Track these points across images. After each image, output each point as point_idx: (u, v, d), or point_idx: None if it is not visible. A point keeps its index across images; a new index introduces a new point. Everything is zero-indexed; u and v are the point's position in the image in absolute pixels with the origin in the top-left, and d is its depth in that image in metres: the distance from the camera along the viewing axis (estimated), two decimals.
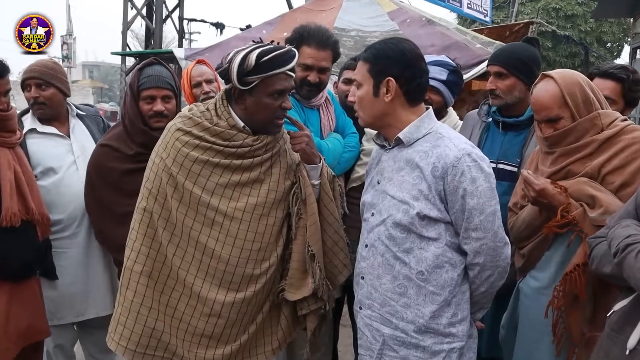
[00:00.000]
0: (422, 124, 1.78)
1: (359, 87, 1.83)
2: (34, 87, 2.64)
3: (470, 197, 1.68)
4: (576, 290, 1.89)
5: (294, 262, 2.01)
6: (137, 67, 2.37)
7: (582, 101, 1.98)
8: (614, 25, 18.93)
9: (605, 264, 1.68)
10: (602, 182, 1.95)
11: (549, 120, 2.02)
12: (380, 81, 1.76)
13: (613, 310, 1.64)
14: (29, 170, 2.34)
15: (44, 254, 2.42)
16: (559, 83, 1.98)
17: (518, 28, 6.15)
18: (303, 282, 2.02)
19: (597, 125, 1.98)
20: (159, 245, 1.90)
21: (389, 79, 1.74)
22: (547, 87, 2.01)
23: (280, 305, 2.08)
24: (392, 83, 1.74)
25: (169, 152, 1.89)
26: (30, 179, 2.31)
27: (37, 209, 2.29)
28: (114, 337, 1.94)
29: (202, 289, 1.88)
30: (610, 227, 1.69)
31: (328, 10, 5.70)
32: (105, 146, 2.42)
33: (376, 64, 1.77)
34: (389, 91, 1.75)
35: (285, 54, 1.86)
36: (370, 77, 1.78)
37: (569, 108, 1.97)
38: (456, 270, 1.76)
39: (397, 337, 1.78)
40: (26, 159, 2.37)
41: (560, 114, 1.98)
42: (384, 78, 1.75)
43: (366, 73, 1.79)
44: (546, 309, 1.99)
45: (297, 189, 2.00)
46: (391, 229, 1.76)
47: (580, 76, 2.03)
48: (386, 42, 1.83)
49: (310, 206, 2.00)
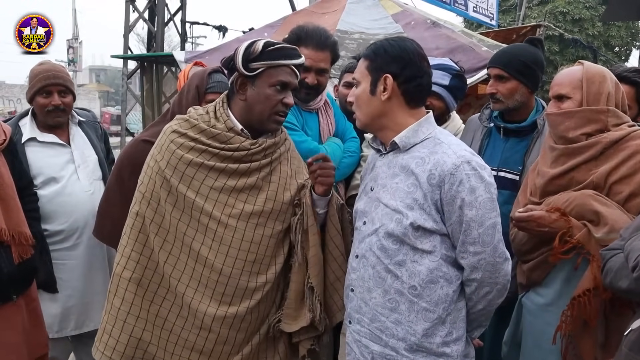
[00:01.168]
0: (420, 128, 1.70)
1: (357, 85, 1.76)
2: (56, 93, 2.59)
3: (468, 208, 1.58)
4: (586, 316, 1.82)
5: (292, 292, 1.93)
6: (206, 72, 2.35)
7: (597, 92, 1.93)
8: (622, 29, 18.88)
9: (621, 278, 1.59)
10: (609, 192, 1.87)
11: (558, 97, 1.99)
12: (377, 78, 1.68)
13: (631, 329, 1.55)
14: (6, 182, 2.14)
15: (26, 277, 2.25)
16: (585, 67, 1.98)
17: (525, 31, 6.09)
18: (300, 313, 1.93)
19: (601, 121, 1.92)
20: (150, 252, 1.85)
21: (387, 76, 1.67)
22: (572, 68, 2.02)
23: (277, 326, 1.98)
24: (390, 80, 1.67)
25: (163, 155, 1.85)
26: (6, 193, 2.12)
27: (13, 228, 2.10)
28: (99, 346, 1.89)
29: (193, 299, 1.82)
30: (626, 238, 1.60)
31: (331, 12, 5.68)
32: (147, 142, 2.28)
33: (374, 60, 1.70)
34: (386, 89, 1.67)
35: (292, 50, 1.87)
36: (368, 74, 1.71)
37: (581, 92, 1.94)
38: (452, 286, 1.66)
39: (387, 355, 1.69)
40: (7, 169, 2.18)
41: (569, 93, 1.96)
42: (381, 75, 1.67)
43: (364, 70, 1.72)
44: (554, 335, 1.90)
45: (301, 217, 1.91)
46: (383, 239, 1.67)
47: (610, 74, 2.00)
48: (387, 40, 1.76)
49: (312, 237, 1.90)
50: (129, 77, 7.91)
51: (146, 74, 7.99)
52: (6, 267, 2.06)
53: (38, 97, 2.59)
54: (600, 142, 1.90)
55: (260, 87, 1.82)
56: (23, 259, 2.13)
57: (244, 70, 1.81)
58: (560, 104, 1.98)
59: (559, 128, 1.98)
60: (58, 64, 3.03)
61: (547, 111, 2.05)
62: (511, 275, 2.12)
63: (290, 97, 1.87)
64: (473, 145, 2.46)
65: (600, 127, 1.93)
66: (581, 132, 1.93)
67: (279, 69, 1.81)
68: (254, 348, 1.92)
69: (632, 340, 1.53)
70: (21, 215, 2.16)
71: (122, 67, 8.02)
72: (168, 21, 8.37)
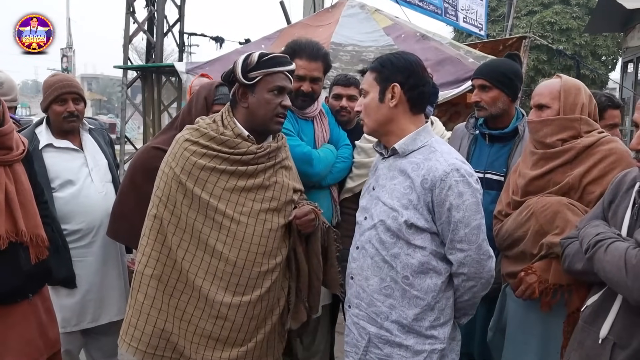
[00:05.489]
0: (418, 137, 1.87)
1: (365, 95, 1.92)
2: (71, 101, 2.73)
3: (456, 211, 1.75)
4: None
5: (291, 296, 2.19)
6: (214, 84, 2.51)
7: (573, 102, 2.14)
8: (609, 39, 19.06)
9: (577, 261, 1.79)
10: (583, 191, 2.07)
11: (538, 106, 2.19)
12: (386, 87, 1.86)
13: (586, 305, 1.75)
14: (25, 189, 2.18)
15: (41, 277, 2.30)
16: (563, 80, 2.19)
17: (511, 42, 6.21)
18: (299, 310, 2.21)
19: (575, 128, 2.13)
20: (169, 250, 2.00)
21: (394, 84, 1.84)
22: (552, 80, 2.24)
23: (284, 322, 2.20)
24: (397, 89, 1.84)
25: (177, 161, 2.01)
26: (26, 198, 2.17)
27: (31, 230, 2.14)
28: (125, 338, 2.03)
29: (209, 291, 1.98)
30: (580, 228, 1.81)
31: (325, 25, 5.76)
32: (158, 149, 2.42)
33: (382, 71, 1.87)
34: (394, 97, 1.85)
35: (284, 58, 2.07)
36: (377, 84, 1.88)
37: (559, 102, 2.14)
38: (440, 277, 1.83)
39: (382, 335, 1.86)
40: (26, 177, 2.21)
41: (549, 103, 2.16)
42: (389, 84, 1.85)
43: (372, 81, 1.89)
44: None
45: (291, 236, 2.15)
46: (381, 233, 1.84)
47: (584, 87, 2.22)
48: (392, 54, 1.95)
49: (299, 255, 2.16)
50: (128, 87, 8.01)
51: (146, 83, 8.07)
52: (25, 266, 2.13)
53: (54, 105, 2.72)
54: (575, 147, 2.10)
55: (259, 93, 2.01)
56: (39, 259, 2.19)
57: (243, 79, 1.99)
58: (541, 113, 2.18)
59: (538, 134, 2.18)
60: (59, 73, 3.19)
61: (529, 119, 2.25)
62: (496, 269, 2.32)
63: (287, 99, 2.06)
64: (461, 151, 2.65)
65: (573, 134, 2.13)
66: (557, 137, 2.13)
67: (274, 75, 2.00)
68: (266, 336, 2.10)
69: (587, 314, 1.73)
70: (38, 219, 2.22)
71: (120, 77, 8.12)
72: (167, 32, 8.47)
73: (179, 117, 2.55)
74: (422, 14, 9.37)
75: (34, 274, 2.22)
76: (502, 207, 2.30)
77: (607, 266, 1.58)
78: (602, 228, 1.71)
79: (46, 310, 2.34)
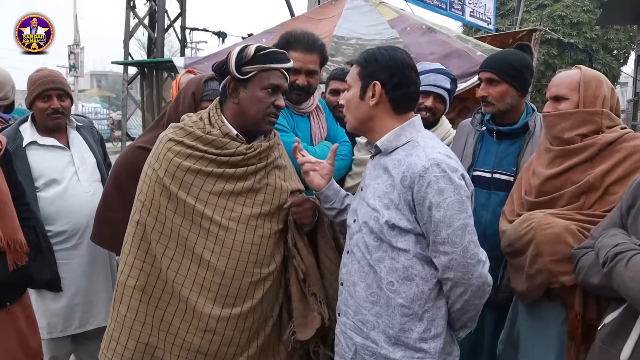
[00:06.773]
0: (402, 132, 1.76)
1: (348, 89, 1.84)
2: (55, 97, 2.65)
3: (436, 209, 1.61)
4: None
5: (296, 302, 2.00)
6: (202, 79, 2.39)
7: (593, 94, 1.98)
8: (620, 32, 18.90)
9: (592, 274, 1.65)
10: (604, 192, 1.92)
11: (555, 98, 2.03)
12: (367, 84, 1.75)
13: (604, 324, 1.60)
14: (2, 191, 2.09)
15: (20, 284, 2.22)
16: (583, 71, 2.03)
17: (521, 35, 6.09)
18: (308, 318, 1.99)
19: (596, 122, 1.97)
20: (153, 259, 1.88)
21: (375, 82, 1.74)
22: (570, 71, 2.07)
23: (281, 330, 2.04)
24: (378, 87, 1.74)
25: (160, 163, 1.87)
26: (2, 201, 2.07)
27: (8, 235, 2.05)
28: (107, 353, 1.91)
29: (197, 303, 1.85)
30: (596, 237, 1.65)
31: (328, 18, 5.68)
32: (142, 149, 2.32)
33: (365, 67, 1.77)
34: (374, 95, 1.74)
35: (282, 54, 1.92)
36: (359, 79, 1.78)
37: (578, 94, 1.98)
38: (427, 284, 1.69)
39: (368, 347, 1.74)
40: (3, 178, 2.11)
41: (567, 94, 2.00)
42: (370, 81, 1.74)
43: (356, 76, 1.79)
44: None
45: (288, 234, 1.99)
46: (366, 236, 1.74)
47: (606, 79, 2.06)
48: (379, 48, 1.82)
49: (301, 250, 1.98)
50: (129, 83, 7.94)
51: (146, 79, 8.02)
52: (2, 272, 2.03)
53: (38, 102, 2.65)
54: (596, 143, 1.94)
55: (252, 90, 1.86)
56: (17, 266, 2.09)
57: (236, 73, 1.85)
58: (557, 105, 2.02)
59: (555, 129, 2.02)
60: (56, 69, 3.06)
61: (544, 111, 2.08)
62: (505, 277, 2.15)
63: (281, 99, 1.91)
64: (466, 148, 2.50)
65: (594, 129, 1.97)
66: (576, 133, 1.98)
67: (270, 72, 1.86)
68: (259, 349, 1.95)
69: (605, 334, 1.58)
70: (16, 223, 2.12)
71: (122, 73, 8.06)
72: (168, 27, 8.41)
73: (166, 114, 2.43)
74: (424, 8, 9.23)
75: (12, 281, 2.11)
76: (514, 207, 2.14)
77: (629, 282, 1.43)
78: (621, 238, 1.55)
79: (26, 319, 2.24)
